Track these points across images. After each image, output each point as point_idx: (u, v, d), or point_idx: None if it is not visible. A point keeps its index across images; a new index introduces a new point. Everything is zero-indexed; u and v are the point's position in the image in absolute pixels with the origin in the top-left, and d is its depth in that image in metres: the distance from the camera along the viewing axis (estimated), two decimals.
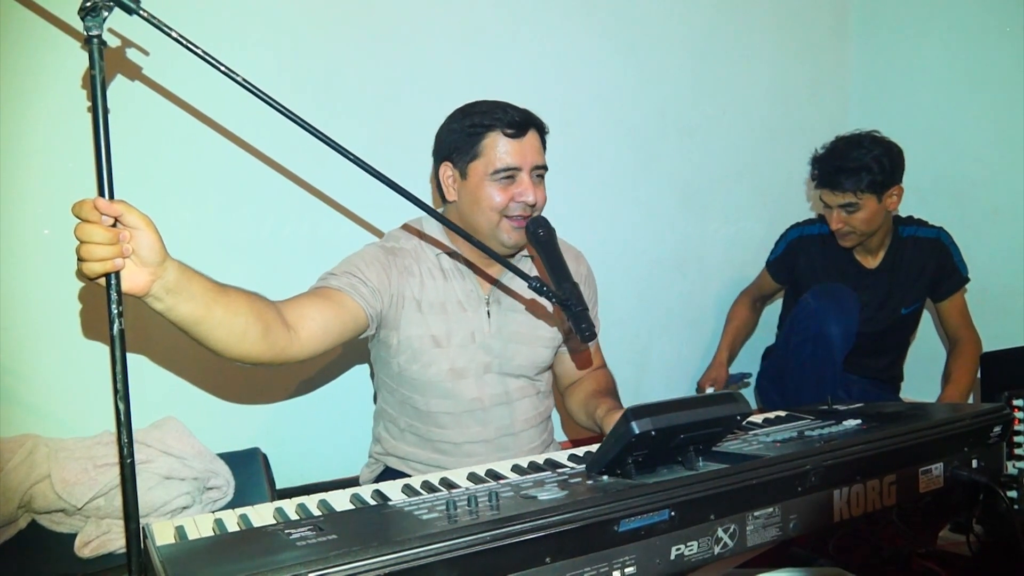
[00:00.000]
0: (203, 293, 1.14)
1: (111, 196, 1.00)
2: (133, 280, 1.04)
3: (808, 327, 2.13)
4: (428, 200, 2.00)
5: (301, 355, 1.34)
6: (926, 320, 2.50)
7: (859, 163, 2.04)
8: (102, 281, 1.00)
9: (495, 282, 1.59)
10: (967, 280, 2.23)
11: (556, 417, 2.29)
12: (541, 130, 1.54)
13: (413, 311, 1.52)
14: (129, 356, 1.00)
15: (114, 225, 1.01)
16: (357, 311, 1.43)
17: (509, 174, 1.47)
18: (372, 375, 1.72)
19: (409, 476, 1.54)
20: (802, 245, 2.33)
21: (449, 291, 1.55)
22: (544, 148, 1.55)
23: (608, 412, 1.54)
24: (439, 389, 1.54)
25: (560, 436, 2.32)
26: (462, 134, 1.50)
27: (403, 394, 1.58)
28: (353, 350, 1.99)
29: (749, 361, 2.61)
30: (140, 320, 1.62)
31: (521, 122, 1.48)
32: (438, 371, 1.53)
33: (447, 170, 1.53)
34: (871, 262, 2.25)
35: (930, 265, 2.21)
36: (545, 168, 1.53)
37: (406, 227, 1.61)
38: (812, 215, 2.42)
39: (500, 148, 1.47)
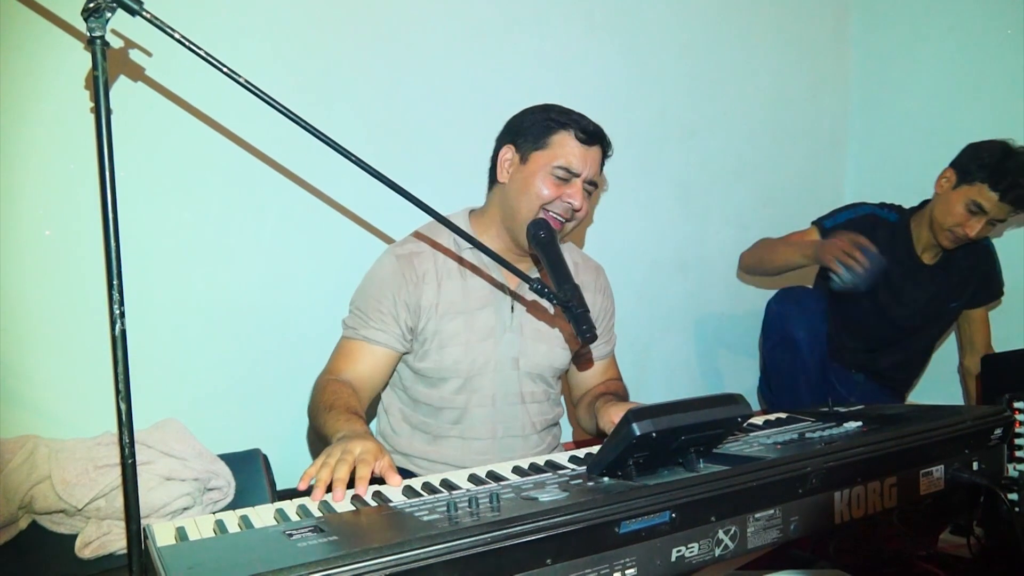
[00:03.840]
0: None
1: (113, 197, 1.00)
2: None
3: (774, 332, 2.16)
4: (436, 202, 2.00)
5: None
6: None
7: None
8: (103, 282, 1.00)
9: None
10: (1002, 294, 2.21)
11: (568, 428, 2.29)
12: (605, 150, 1.58)
13: (433, 313, 1.55)
14: (130, 357, 1.00)
15: None
16: (393, 355, 1.55)
17: (566, 175, 1.50)
18: None
19: (411, 472, 1.56)
20: (871, 223, 2.19)
21: (468, 289, 1.57)
22: (602, 168, 1.58)
23: (605, 404, 1.54)
24: (454, 385, 1.56)
25: (568, 438, 2.32)
26: (537, 123, 1.54)
27: (419, 391, 1.60)
28: None
29: (750, 366, 2.61)
30: (141, 321, 1.62)
31: (593, 133, 1.53)
32: (455, 367, 1.55)
33: (508, 152, 1.56)
34: (929, 259, 2.22)
35: (978, 269, 2.20)
36: (595, 185, 1.56)
37: (420, 234, 1.61)
38: (818, 213, 2.37)
39: (568, 147, 1.51)
